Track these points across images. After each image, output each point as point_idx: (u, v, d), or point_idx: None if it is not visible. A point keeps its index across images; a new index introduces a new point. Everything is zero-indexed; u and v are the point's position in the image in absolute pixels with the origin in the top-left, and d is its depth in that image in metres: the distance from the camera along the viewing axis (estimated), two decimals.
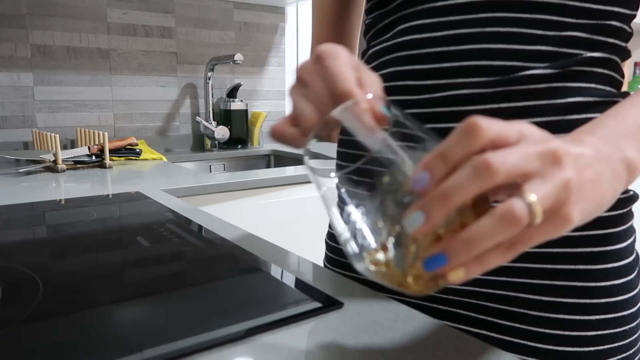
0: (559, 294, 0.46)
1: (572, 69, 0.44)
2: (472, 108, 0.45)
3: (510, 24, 0.44)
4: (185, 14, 1.67)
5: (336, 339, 0.37)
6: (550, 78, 0.44)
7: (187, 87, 1.71)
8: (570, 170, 0.27)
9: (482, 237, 0.25)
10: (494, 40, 0.44)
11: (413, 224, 0.26)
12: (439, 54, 0.47)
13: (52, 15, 1.45)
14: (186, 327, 0.38)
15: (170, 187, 1.01)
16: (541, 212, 0.25)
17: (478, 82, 0.45)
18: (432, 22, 0.47)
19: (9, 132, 1.43)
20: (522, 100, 0.44)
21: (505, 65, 0.44)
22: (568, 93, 0.44)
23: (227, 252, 0.57)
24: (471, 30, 0.45)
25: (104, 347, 0.35)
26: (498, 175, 0.25)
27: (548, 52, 0.44)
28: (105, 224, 0.70)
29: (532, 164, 0.26)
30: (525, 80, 0.44)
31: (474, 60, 0.45)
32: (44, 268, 0.52)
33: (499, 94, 0.45)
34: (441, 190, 0.26)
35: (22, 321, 0.39)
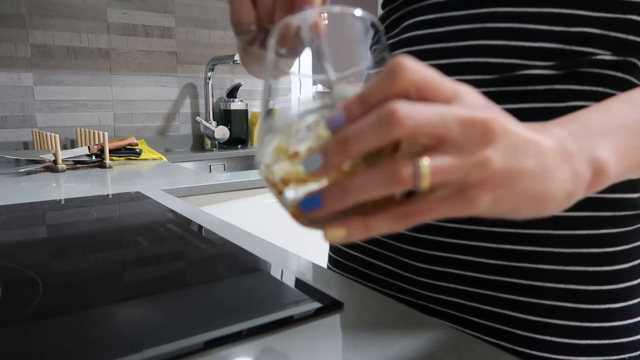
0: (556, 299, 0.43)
1: (577, 70, 0.41)
2: None
3: (512, 19, 0.42)
4: (185, 14, 1.67)
5: (336, 339, 0.37)
6: (551, 79, 0.41)
7: (187, 87, 1.71)
8: (497, 151, 0.24)
9: (359, 186, 0.24)
10: (493, 37, 0.42)
11: (310, 166, 0.24)
12: (437, 50, 0.45)
13: (52, 15, 1.45)
14: (186, 327, 0.38)
15: (170, 187, 1.01)
16: (429, 179, 0.23)
17: (474, 80, 0.43)
18: (434, 18, 0.46)
19: (9, 132, 1.43)
20: (519, 102, 0.42)
21: (503, 62, 0.42)
22: (570, 96, 0.41)
23: (227, 252, 0.57)
24: (471, 26, 0.43)
25: (104, 347, 0.35)
26: (402, 128, 0.22)
27: (551, 49, 0.41)
28: (105, 224, 0.70)
29: (449, 129, 0.23)
30: (524, 80, 0.42)
31: (471, 57, 0.43)
32: (44, 268, 0.52)
33: (494, 94, 0.41)
34: (341, 135, 0.24)
35: (22, 321, 0.39)
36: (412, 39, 0.48)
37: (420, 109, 0.23)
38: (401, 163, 0.23)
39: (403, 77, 0.23)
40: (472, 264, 0.45)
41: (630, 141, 0.30)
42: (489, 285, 0.45)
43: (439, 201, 0.24)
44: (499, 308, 0.44)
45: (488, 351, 0.35)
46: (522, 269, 0.43)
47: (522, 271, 0.43)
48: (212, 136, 1.67)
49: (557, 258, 0.42)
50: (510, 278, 0.44)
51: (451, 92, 0.25)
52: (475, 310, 0.47)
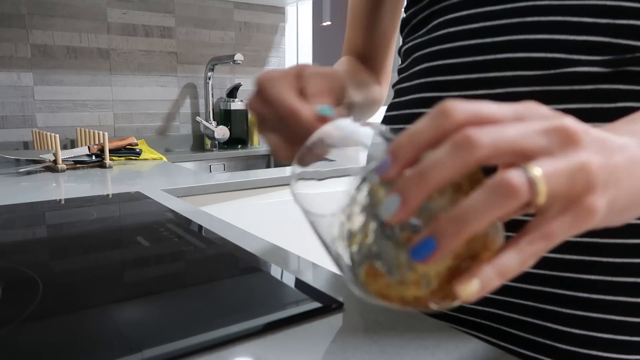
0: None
1: (628, 69, 0.38)
2: None
3: (554, 12, 0.39)
4: (185, 14, 1.67)
5: (336, 339, 0.37)
6: (600, 78, 0.39)
7: (187, 87, 1.71)
8: (589, 151, 0.23)
9: (473, 211, 0.21)
10: (535, 31, 0.40)
11: (389, 210, 0.22)
12: (473, 46, 0.43)
13: (52, 15, 1.45)
14: (186, 327, 0.38)
15: (170, 187, 1.01)
16: (545, 189, 0.21)
17: (514, 76, 0.41)
18: (468, 14, 0.44)
19: (9, 132, 1.43)
20: (564, 102, 0.39)
21: (547, 57, 0.39)
22: (620, 97, 0.38)
23: (227, 252, 0.57)
24: (509, 21, 0.41)
25: (104, 347, 0.35)
26: (482, 148, 0.21)
27: (598, 43, 0.39)
28: (105, 224, 0.70)
29: (533, 141, 0.22)
30: (570, 79, 0.39)
31: (511, 52, 0.41)
32: (44, 268, 0.52)
33: (537, 94, 0.40)
34: (417, 169, 0.22)
35: (22, 321, 0.39)
36: (445, 36, 0.46)
37: (494, 129, 0.22)
38: (512, 173, 0.21)
39: (457, 113, 0.22)
40: None
41: None
42: (530, 295, 0.43)
43: (559, 218, 0.22)
44: (539, 319, 0.43)
45: (488, 351, 0.35)
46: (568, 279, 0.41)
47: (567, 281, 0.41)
48: (212, 136, 1.67)
49: (608, 268, 0.40)
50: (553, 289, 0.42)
51: (513, 111, 0.23)
52: (514, 321, 0.44)
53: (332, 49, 1.78)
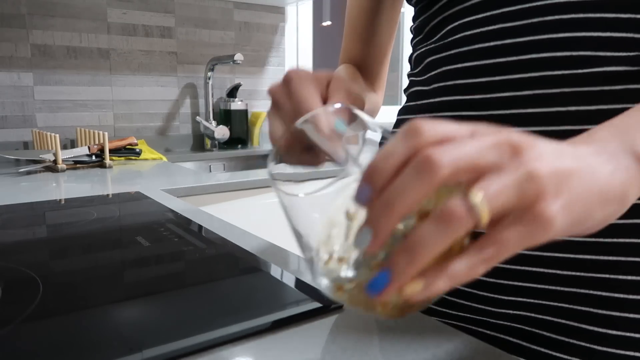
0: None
1: None
2: (535, 111, 0.40)
3: (574, 9, 0.39)
4: (185, 14, 1.67)
5: (336, 339, 0.37)
6: (630, 77, 0.37)
7: (187, 87, 1.71)
8: (537, 160, 0.23)
9: (422, 243, 0.22)
10: (557, 30, 0.39)
11: (362, 242, 0.23)
12: (493, 48, 0.42)
13: (52, 15, 1.45)
14: (186, 327, 0.38)
15: (170, 187, 1.01)
16: (487, 210, 0.22)
17: (542, 78, 0.40)
18: (484, 17, 0.43)
19: (9, 132, 1.43)
20: (594, 103, 0.38)
21: (572, 55, 0.38)
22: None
23: (227, 252, 0.57)
24: (529, 21, 0.40)
25: (104, 347, 0.35)
26: (442, 169, 0.21)
27: (623, 39, 0.37)
28: (105, 224, 0.70)
29: (485, 156, 0.23)
30: (598, 79, 0.38)
31: (535, 53, 0.40)
32: (44, 268, 0.52)
33: (566, 96, 0.39)
34: (383, 198, 0.22)
35: (22, 321, 0.39)
36: (461, 40, 0.45)
37: (450, 148, 0.22)
38: (452, 203, 0.22)
39: (423, 137, 0.23)
40: (540, 275, 0.43)
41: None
42: (558, 296, 0.43)
43: (511, 226, 0.23)
44: (565, 319, 0.43)
45: (488, 351, 0.35)
46: (589, 279, 0.41)
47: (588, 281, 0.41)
48: (212, 136, 1.67)
49: (632, 268, 0.40)
50: (576, 288, 0.42)
51: (468, 131, 0.24)
52: (542, 322, 0.44)
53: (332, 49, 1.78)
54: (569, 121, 0.39)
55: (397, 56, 2.35)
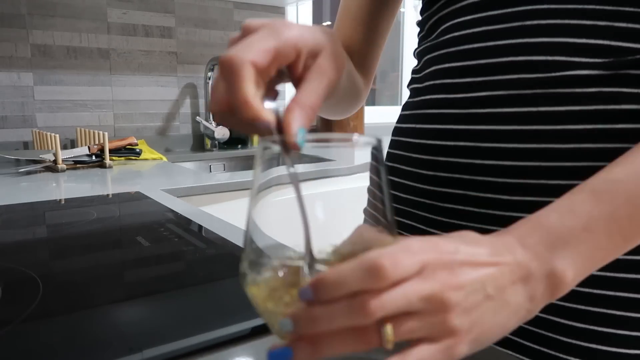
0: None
1: (628, 72, 0.38)
2: (510, 110, 0.42)
3: (553, 15, 0.40)
4: (185, 14, 1.67)
5: None
6: (602, 81, 0.38)
7: (187, 87, 1.71)
8: (458, 317, 0.25)
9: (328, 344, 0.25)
10: (535, 34, 0.40)
11: (282, 329, 0.25)
12: (476, 50, 0.44)
13: (52, 15, 1.45)
14: (186, 327, 0.38)
15: (170, 187, 1.01)
16: (392, 341, 0.25)
17: (516, 80, 0.41)
18: (472, 19, 0.45)
19: (9, 132, 1.43)
20: (566, 104, 0.39)
21: (547, 60, 0.40)
22: (624, 99, 0.38)
23: (227, 252, 0.57)
24: (509, 25, 0.42)
25: (104, 347, 0.35)
26: (371, 316, 0.24)
27: (598, 45, 0.39)
28: (105, 224, 0.70)
29: (412, 305, 0.25)
30: (571, 82, 0.39)
31: (512, 55, 0.41)
32: (44, 268, 0.52)
33: (539, 96, 0.40)
34: (315, 312, 0.25)
35: (22, 321, 0.39)
36: (450, 40, 0.47)
37: (387, 299, 0.24)
38: (369, 329, 0.24)
39: (383, 279, 0.24)
40: None
41: (594, 242, 0.30)
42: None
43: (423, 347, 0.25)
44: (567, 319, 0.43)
45: (488, 350, 0.35)
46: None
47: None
48: (212, 136, 1.67)
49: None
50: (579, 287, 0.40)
51: (418, 267, 0.25)
52: (544, 322, 0.44)
53: None
54: (542, 121, 0.40)
55: (397, 56, 2.35)
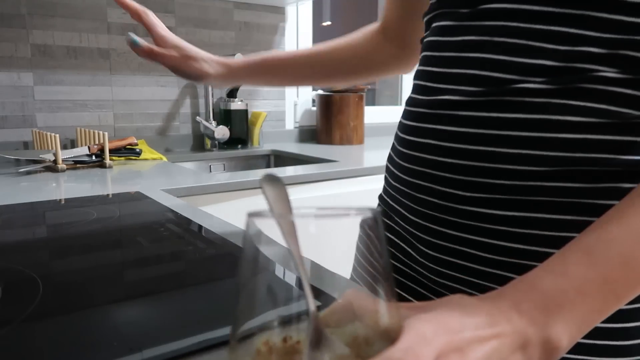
0: None
1: (576, 86, 0.41)
2: (464, 114, 0.45)
3: (518, 35, 0.42)
4: (185, 14, 1.67)
5: None
6: (548, 93, 0.41)
7: (187, 87, 1.71)
8: None
9: None
10: (497, 51, 0.43)
11: None
12: (446, 58, 0.47)
13: (52, 15, 1.45)
14: (186, 327, 0.38)
15: (170, 187, 1.01)
16: None
17: (468, 90, 0.45)
18: (452, 25, 0.48)
19: (9, 132, 1.43)
20: (514, 112, 0.42)
21: (500, 77, 0.43)
22: (567, 111, 0.41)
23: (227, 252, 0.57)
24: (481, 38, 0.44)
25: (104, 347, 0.35)
26: None
27: (551, 67, 0.41)
28: (105, 224, 0.70)
29: None
30: (520, 92, 0.42)
31: (473, 69, 0.45)
32: (44, 268, 0.52)
33: (491, 103, 0.43)
34: None
35: (22, 321, 0.39)
36: (433, 44, 0.50)
37: None
38: None
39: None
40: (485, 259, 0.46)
41: (588, 305, 0.30)
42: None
43: None
44: None
45: None
46: None
47: None
48: (212, 136, 1.67)
49: None
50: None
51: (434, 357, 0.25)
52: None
53: None
54: (492, 126, 0.44)
55: None
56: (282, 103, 1.93)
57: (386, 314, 0.26)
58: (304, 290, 0.25)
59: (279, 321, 0.25)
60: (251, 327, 0.25)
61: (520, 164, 0.43)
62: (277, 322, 0.25)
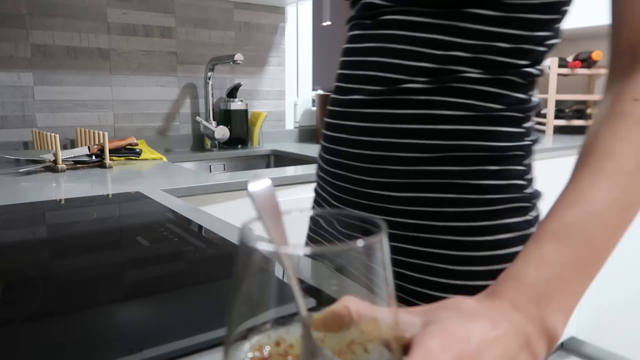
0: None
1: (449, 85, 0.50)
2: (366, 111, 0.54)
3: (406, 41, 0.51)
4: (185, 14, 1.67)
5: None
6: (429, 92, 0.51)
7: (187, 87, 1.71)
8: None
9: None
10: (389, 55, 0.52)
11: None
12: (355, 62, 0.56)
13: (52, 15, 1.45)
14: (186, 327, 0.38)
15: (170, 187, 1.01)
16: None
17: (370, 89, 0.54)
18: (360, 34, 0.56)
19: (9, 132, 1.43)
20: (403, 108, 0.52)
21: (391, 77, 0.52)
22: (442, 106, 0.51)
23: (227, 252, 0.57)
24: (377, 45, 0.53)
25: (104, 347, 0.35)
26: None
27: (430, 68, 0.51)
28: (105, 224, 0.70)
29: None
30: (407, 91, 0.51)
31: (372, 70, 0.54)
32: (44, 268, 0.52)
33: (385, 101, 0.53)
34: None
35: (22, 321, 0.39)
36: (347, 50, 0.59)
37: None
38: None
39: None
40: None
41: (570, 290, 0.32)
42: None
43: None
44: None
45: None
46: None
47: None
48: (212, 136, 1.67)
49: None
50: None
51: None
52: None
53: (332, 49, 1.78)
54: (387, 120, 0.53)
55: None
56: (282, 103, 1.93)
57: (385, 320, 0.25)
58: (296, 301, 0.24)
59: (272, 324, 0.25)
60: (242, 331, 0.25)
61: (410, 151, 0.52)
62: (270, 324, 0.25)
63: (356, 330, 0.25)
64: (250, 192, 0.25)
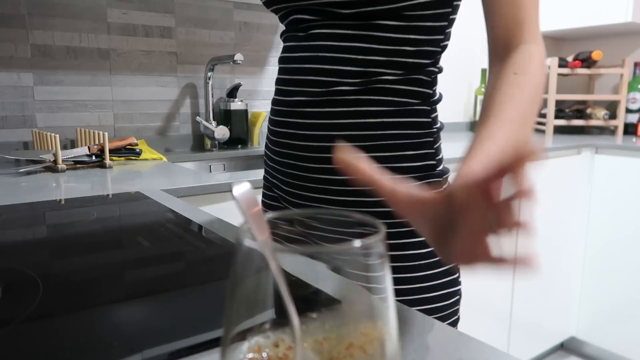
0: None
1: (372, 86, 0.61)
2: (309, 110, 0.64)
3: (334, 50, 0.61)
4: (185, 14, 1.67)
5: None
6: (357, 92, 0.61)
7: (187, 87, 1.71)
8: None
9: None
10: (323, 62, 0.62)
11: None
12: (294, 69, 0.66)
13: (52, 15, 1.45)
14: (186, 327, 0.38)
15: (170, 187, 1.01)
16: None
17: (310, 91, 0.63)
18: (294, 45, 0.66)
19: (9, 132, 1.43)
20: (338, 106, 0.62)
21: (327, 80, 0.62)
22: (368, 103, 0.62)
23: (227, 252, 0.57)
24: (311, 54, 0.63)
25: (104, 347, 0.35)
26: None
27: (356, 71, 0.61)
28: (105, 224, 0.70)
29: None
30: (341, 92, 0.62)
31: (309, 75, 0.63)
32: (44, 268, 0.52)
33: (323, 102, 0.63)
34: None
35: (22, 321, 0.39)
36: (284, 59, 0.68)
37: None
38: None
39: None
40: None
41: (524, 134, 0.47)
42: None
43: None
44: None
45: (488, 351, 0.35)
46: None
47: None
48: (212, 136, 1.67)
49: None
50: None
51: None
52: None
53: None
54: (326, 117, 0.63)
55: None
56: None
57: (384, 321, 0.25)
58: (287, 309, 0.24)
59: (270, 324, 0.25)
60: (240, 332, 0.24)
61: (345, 141, 0.62)
62: (269, 325, 0.25)
63: (355, 332, 0.25)
64: (235, 195, 0.26)
